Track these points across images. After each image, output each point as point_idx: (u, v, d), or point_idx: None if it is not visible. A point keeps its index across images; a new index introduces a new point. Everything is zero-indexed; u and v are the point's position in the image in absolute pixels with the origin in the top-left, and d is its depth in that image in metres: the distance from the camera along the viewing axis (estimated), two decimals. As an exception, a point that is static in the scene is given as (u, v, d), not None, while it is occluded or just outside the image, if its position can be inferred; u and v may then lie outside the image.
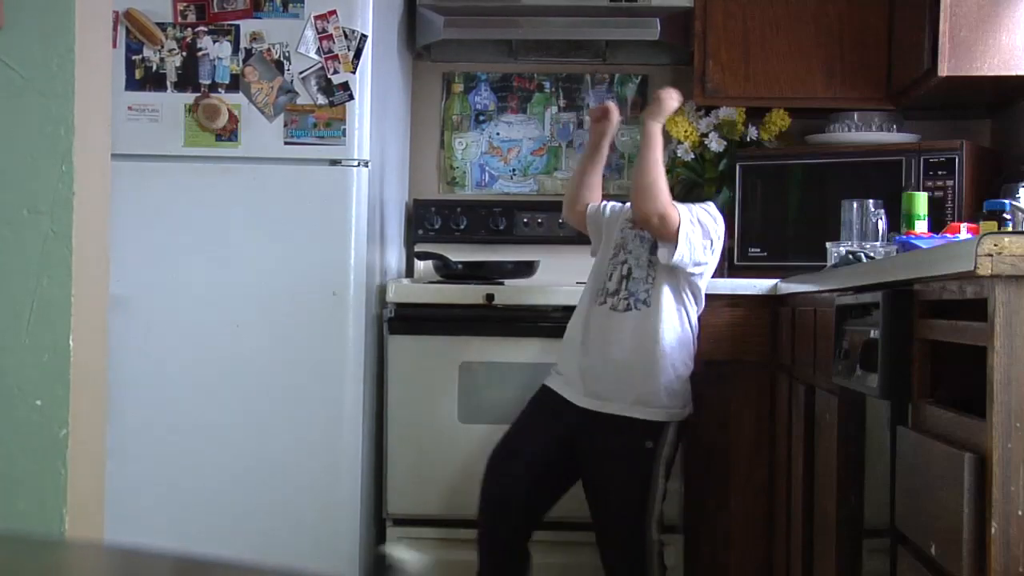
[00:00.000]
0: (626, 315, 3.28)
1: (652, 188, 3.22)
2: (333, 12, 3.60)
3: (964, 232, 3.03)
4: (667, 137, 4.23)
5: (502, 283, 3.86)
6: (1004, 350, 1.73)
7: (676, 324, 3.30)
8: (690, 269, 3.27)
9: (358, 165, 3.63)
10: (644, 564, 3.29)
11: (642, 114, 3.41)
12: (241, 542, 3.53)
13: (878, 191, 3.51)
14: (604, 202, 3.56)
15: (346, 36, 3.61)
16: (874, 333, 2.29)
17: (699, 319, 3.39)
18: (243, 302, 3.61)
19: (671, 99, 3.31)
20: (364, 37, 3.62)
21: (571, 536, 3.57)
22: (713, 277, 4.06)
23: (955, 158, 3.69)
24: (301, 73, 3.61)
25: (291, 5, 3.62)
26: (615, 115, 3.50)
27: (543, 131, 4.48)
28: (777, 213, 4.00)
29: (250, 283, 3.61)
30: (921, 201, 3.23)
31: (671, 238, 3.21)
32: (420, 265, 4.26)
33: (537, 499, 3.37)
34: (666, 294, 3.29)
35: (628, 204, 3.42)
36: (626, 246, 3.35)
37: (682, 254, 3.22)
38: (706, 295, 3.75)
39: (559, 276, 4.06)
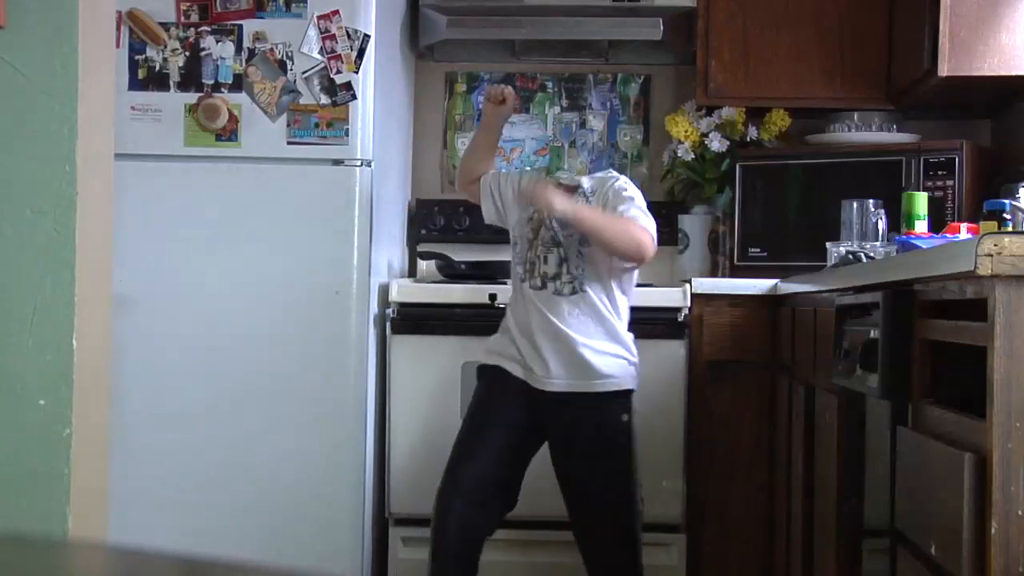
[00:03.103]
0: (572, 298, 3.18)
1: (621, 237, 3.12)
2: (336, 12, 3.61)
3: (964, 232, 3.03)
4: (667, 137, 4.24)
5: (505, 283, 3.85)
6: (1004, 350, 1.73)
7: (617, 294, 3.22)
8: None
9: (361, 165, 3.63)
10: (636, 548, 3.21)
11: (547, 216, 3.17)
12: (244, 542, 3.54)
13: (878, 191, 3.52)
14: (495, 171, 3.46)
15: (349, 36, 3.61)
16: (874, 333, 2.29)
17: (634, 287, 3.32)
18: (245, 302, 3.62)
19: (542, 189, 3.13)
20: (367, 37, 3.62)
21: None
22: (713, 277, 4.07)
23: (955, 158, 3.70)
24: (304, 73, 3.62)
25: (294, 5, 3.62)
26: (511, 100, 3.40)
27: (546, 131, 4.48)
28: (777, 213, 4.01)
29: (253, 283, 3.62)
30: (921, 201, 3.23)
31: (649, 253, 3.16)
32: (423, 265, 4.27)
33: (510, 485, 3.25)
34: (604, 271, 3.20)
35: (523, 175, 3.37)
36: (550, 231, 3.22)
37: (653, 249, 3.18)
38: (707, 295, 3.76)
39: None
